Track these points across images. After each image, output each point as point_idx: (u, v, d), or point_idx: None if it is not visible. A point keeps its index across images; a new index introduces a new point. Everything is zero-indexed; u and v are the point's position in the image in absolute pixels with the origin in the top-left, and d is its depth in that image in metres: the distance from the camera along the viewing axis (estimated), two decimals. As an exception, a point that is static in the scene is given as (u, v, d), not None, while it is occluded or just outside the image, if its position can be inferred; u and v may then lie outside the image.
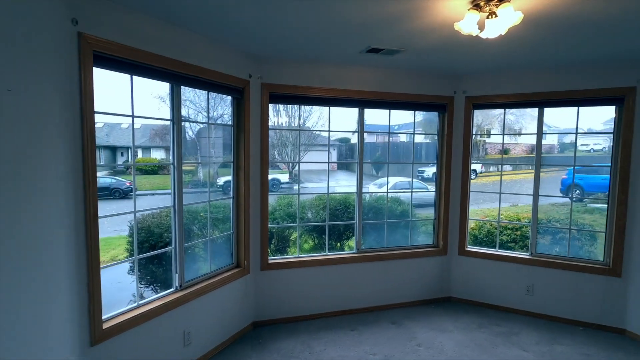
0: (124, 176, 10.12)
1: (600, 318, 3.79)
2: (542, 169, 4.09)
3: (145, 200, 9.21)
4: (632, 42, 2.98)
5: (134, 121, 2.53)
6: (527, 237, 5.22)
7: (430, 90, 4.17)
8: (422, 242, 4.49)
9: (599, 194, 10.27)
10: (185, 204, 2.98)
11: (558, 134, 9.16)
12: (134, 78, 2.51)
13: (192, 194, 3.77)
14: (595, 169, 11.70)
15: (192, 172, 4.44)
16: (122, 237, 5.85)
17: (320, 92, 3.77)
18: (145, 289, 3.80)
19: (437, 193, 4.45)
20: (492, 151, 15.57)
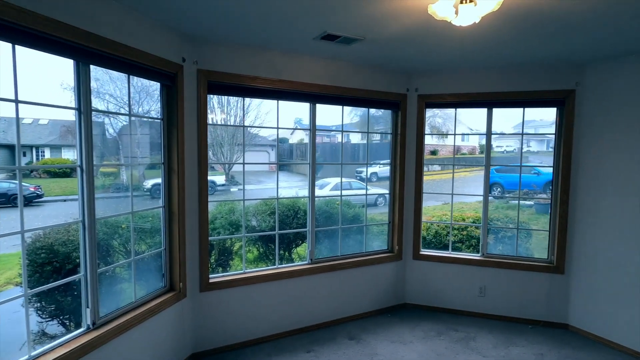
0: (29, 180, 8.53)
1: (546, 315, 3.87)
2: (466, 169, 4.10)
3: (55, 207, 7.84)
4: (574, 44, 3.02)
5: (40, 115, 1.85)
6: (473, 236, 5.30)
7: (384, 86, 3.94)
8: (377, 247, 4.25)
9: (516, 191, 11.22)
10: (100, 217, 2.32)
11: (513, 134, 9.69)
12: (27, 53, 1.83)
13: (114, 199, 3.07)
14: (513, 167, 12.83)
15: (114, 175, 3.68)
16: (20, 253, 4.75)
17: (267, 83, 3.31)
18: (48, 324, 2.99)
19: (391, 195, 4.25)
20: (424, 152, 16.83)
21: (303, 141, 8.82)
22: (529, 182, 11.62)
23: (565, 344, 3.51)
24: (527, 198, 8.73)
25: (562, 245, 3.80)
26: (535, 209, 9.62)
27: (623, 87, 3.35)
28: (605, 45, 3.06)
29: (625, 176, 3.35)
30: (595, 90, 3.55)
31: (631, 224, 3.31)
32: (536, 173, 12.55)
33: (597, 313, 3.57)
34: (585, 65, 3.61)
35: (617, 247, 3.41)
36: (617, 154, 3.41)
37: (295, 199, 4.64)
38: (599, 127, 3.53)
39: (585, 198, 3.65)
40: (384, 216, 4.36)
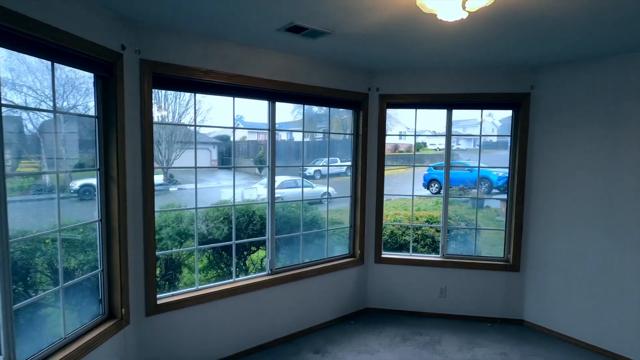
0: None
1: (503, 312, 3.98)
2: (406, 166, 4.11)
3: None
4: (532, 49, 3.08)
5: None
6: (428, 235, 5.35)
7: (346, 85, 3.76)
8: (338, 252, 4.08)
9: (454, 187, 11.84)
10: (15, 237, 1.85)
11: (469, 135, 10.01)
12: None
13: (34, 202, 2.54)
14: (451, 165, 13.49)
15: (36, 176, 3.07)
16: None
17: (222, 77, 2.96)
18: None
19: (352, 198, 4.09)
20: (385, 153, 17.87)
21: (245, 139, 8.41)
22: (463, 179, 12.32)
23: (523, 341, 3.61)
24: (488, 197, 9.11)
25: (517, 244, 3.91)
26: (471, 204, 10.17)
27: (573, 91, 3.50)
28: (559, 52, 3.15)
29: (576, 176, 3.51)
30: (548, 93, 3.68)
31: (582, 221, 3.47)
32: (469, 170, 13.35)
33: (550, 308, 3.73)
34: (539, 70, 3.72)
35: (570, 244, 3.56)
36: (568, 155, 3.56)
37: (249, 203, 4.31)
38: (552, 129, 3.67)
39: (539, 197, 3.79)
40: (334, 215, 4.20)
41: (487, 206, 9.87)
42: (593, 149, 3.39)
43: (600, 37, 2.77)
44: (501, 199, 4.29)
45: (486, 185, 12.86)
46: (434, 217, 5.87)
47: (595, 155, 3.37)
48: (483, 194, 12.42)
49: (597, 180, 3.37)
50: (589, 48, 3.05)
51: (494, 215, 8.38)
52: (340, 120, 4.76)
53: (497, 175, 12.93)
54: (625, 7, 2.20)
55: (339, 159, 4.71)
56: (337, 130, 4.60)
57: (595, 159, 3.38)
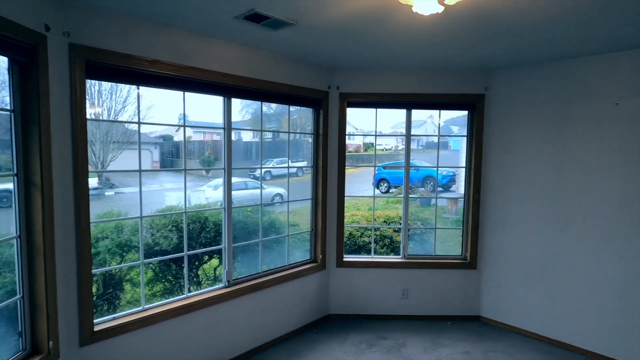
0: None
1: (462, 309, 4.05)
2: (354, 166, 4.09)
3: None
4: (487, 52, 3.14)
5: None
6: (386, 236, 5.34)
7: (306, 82, 3.57)
8: (299, 258, 3.88)
9: (401, 186, 12.25)
10: None
11: (432, 135, 10.17)
12: None
13: None
14: (397, 164, 14.03)
15: None
16: None
17: (172, 69, 2.62)
18: None
19: (313, 201, 3.91)
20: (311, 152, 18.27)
21: (191, 139, 7.89)
22: (411, 178, 12.78)
23: (483, 337, 3.68)
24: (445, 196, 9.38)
25: (474, 242, 4.00)
26: (419, 202, 10.56)
27: (523, 93, 3.63)
28: (511, 55, 3.25)
29: (528, 175, 3.64)
30: (501, 95, 3.79)
31: (535, 218, 3.62)
32: (415, 169, 13.89)
33: (505, 303, 3.85)
34: (492, 72, 3.83)
35: (522, 241, 3.70)
36: (520, 154, 3.69)
37: (203, 209, 3.95)
38: (504, 129, 3.78)
39: (494, 196, 3.89)
40: (290, 217, 4.00)
41: (434, 204, 10.28)
42: (542, 148, 3.54)
43: (547, 43, 2.91)
44: (459, 197, 4.37)
45: (431, 183, 13.43)
46: (390, 217, 5.89)
47: (545, 154, 3.53)
48: (429, 193, 12.95)
49: (546, 179, 3.53)
50: (536, 53, 3.18)
51: (440, 212, 8.71)
52: (291, 121, 4.56)
53: (441, 174, 13.56)
54: (573, 17, 2.26)
55: (291, 160, 4.52)
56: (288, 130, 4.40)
57: (545, 159, 3.53)
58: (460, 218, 7.67)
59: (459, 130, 6.98)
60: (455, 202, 8.50)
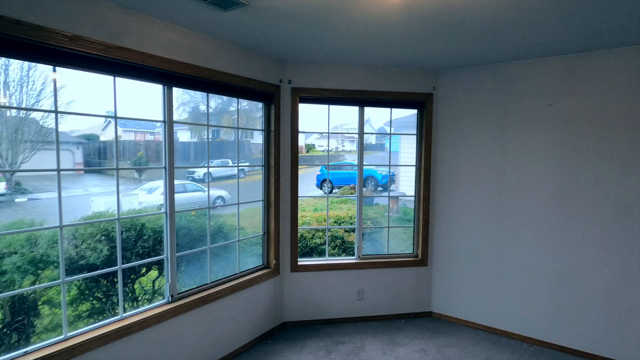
0: None
1: (414, 306, 4.08)
2: (309, 164, 4.02)
3: None
4: (435, 51, 3.17)
5: None
6: (338, 236, 5.24)
7: (256, 74, 3.31)
8: (251, 264, 3.59)
9: (345, 186, 12.46)
10: None
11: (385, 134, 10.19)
12: None
13: None
14: (340, 165, 14.29)
15: None
16: None
17: (98, 49, 2.21)
18: None
19: (265, 202, 3.65)
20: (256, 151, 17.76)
21: (120, 138, 7.10)
22: (353, 178, 13.05)
23: (436, 333, 3.72)
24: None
25: (425, 239, 4.04)
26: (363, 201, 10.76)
27: (469, 93, 3.75)
28: (459, 55, 3.31)
29: (474, 173, 3.76)
30: (448, 94, 3.88)
31: (481, 215, 3.74)
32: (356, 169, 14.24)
33: (454, 298, 3.95)
34: (440, 72, 3.90)
35: (471, 236, 3.81)
36: (467, 153, 3.80)
37: (136, 214, 3.47)
38: (452, 128, 3.87)
39: (443, 194, 3.97)
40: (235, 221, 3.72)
41: (377, 203, 10.50)
42: (487, 147, 3.68)
43: (492, 45, 3.01)
44: (408, 196, 4.41)
45: (372, 183, 13.80)
46: (340, 217, 5.82)
47: (490, 153, 3.67)
48: (371, 192, 13.26)
49: (490, 177, 3.67)
50: (481, 54, 3.29)
51: (383, 211, 8.91)
52: (233, 120, 4.26)
53: (381, 174, 14.00)
54: (515, 22, 2.33)
55: (230, 160, 4.22)
56: (227, 130, 4.10)
57: (489, 157, 3.67)
58: (402, 216, 7.89)
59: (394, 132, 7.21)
60: (396, 200, 8.72)
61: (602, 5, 2.20)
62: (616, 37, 2.77)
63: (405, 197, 5.72)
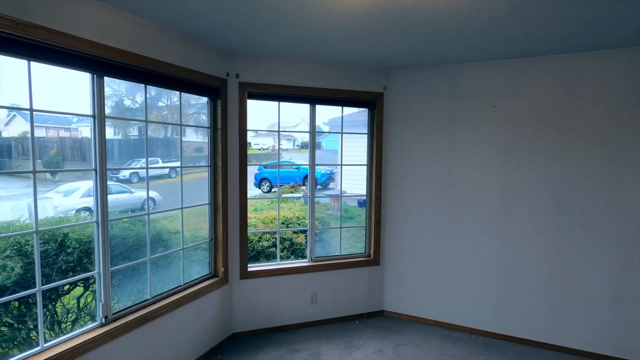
0: None
1: (367, 306, 4.07)
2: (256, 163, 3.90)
3: None
4: (385, 51, 3.18)
5: None
6: (286, 238, 5.07)
7: (201, 66, 3.02)
8: (197, 274, 3.29)
9: (286, 185, 12.36)
10: None
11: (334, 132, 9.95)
12: None
13: None
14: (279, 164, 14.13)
15: None
16: None
17: (5, 25, 1.80)
18: None
19: (212, 206, 3.37)
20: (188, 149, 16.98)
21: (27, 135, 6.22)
22: (293, 176, 12.99)
23: (390, 332, 3.74)
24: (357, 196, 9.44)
25: (378, 238, 4.05)
26: (304, 200, 10.72)
27: (418, 92, 3.82)
28: (409, 55, 3.36)
29: (425, 171, 3.85)
30: (399, 94, 3.92)
31: (432, 212, 3.84)
32: (297, 168, 14.15)
33: (406, 295, 4.01)
34: (391, 72, 3.93)
35: (423, 234, 3.89)
36: (417, 152, 3.87)
37: (57, 222, 2.98)
38: (403, 127, 3.92)
39: (394, 192, 4.01)
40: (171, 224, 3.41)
41: (317, 202, 10.51)
42: (437, 146, 3.78)
43: (440, 47, 3.10)
44: (360, 195, 4.40)
45: (313, 182, 13.78)
46: (287, 217, 5.64)
47: (439, 152, 3.78)
48: (307, 191, 13.26)
49: (440, 175, 3.78)
50: (431, 56, 3.37)
51: (324, 209, 8.91)
52: (162, 116, 3.90)
53: (321, 172, 14.05)
54: (464, 26, 2.40)
55: (160, 159, 3.87)
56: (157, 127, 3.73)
57: (438, 156, 3.78)
58: (344, 214, 7.92)
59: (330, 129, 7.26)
60: (337, 199, 8.80)
61: (540, 14, 2.33)
62: (550, 45, 2.98)
63: (351, 195, 5.71)
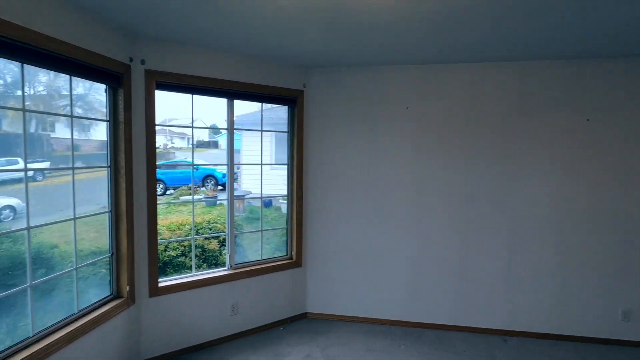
0: None
1: (291, 310, 3.94)
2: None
3: None
4: (308, 44, 3.09)
5: None
6: (197, 245, 4.64)
7: (97, 47, 2.50)
8: (95, 297, 2.72)
9: (183, 186, 11.53)
10: None
11: (256, 130, 9.10)
12: None
13: None
14: (174, 165, 13.20)
15: None
16: None
17: None
18: None
19: (113, 214, 2.83)
20: (59, 147, 14.51)
21: None
22: (189, 177, 12.16)
23: (315, 334, 3.67)
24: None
25: (300, 239, 3.95)
26: (205, 203, 10.12)
27: (339, 93, 3.84)
28: (328, 55, 3.36)
29: (346, 170, 3.89)
30: (319, 92, 3.88)
31: (353, 211, 3.89)
32: (195, 168, 13.32)
33: (330, 295, 4.00)
34: (311, 70, 3.86)
35: (344, 233, 3.92)
36: (338, 151, 3.89)
37: None
38: (324, 127, 3.90)
39: (315, 191, 3.96)
40: (45, 236, 2.83)
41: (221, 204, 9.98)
42: (358, 146, 3.85)
43: (360, 48, 3.16)
44: (281, 196, 4.24)
45: (212, 182, 13.08)
46: (197, 223, 5.18)
47: (359, 151, 3.85)
48: (214, 192, 12.55)
49: (360, 174, 3.87)
50: (350, 56, 3.42)
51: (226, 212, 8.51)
52: (26, 107, 3.19)
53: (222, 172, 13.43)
54: (381, 30, 2.53)
55: (20, 159, 3.19)
56: (13, 120, 3.06)
57: (359, 155, 3.86)
58: (248, 215, 7.64)
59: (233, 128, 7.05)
60: (242, 200, 8.51)
61: (456, 26, 2.54)
62: (459, 54, 3.28)
63: (273, 196, 5.51)
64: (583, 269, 3.50)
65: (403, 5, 2.21)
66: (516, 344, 3.51)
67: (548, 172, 3.52)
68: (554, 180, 3.52)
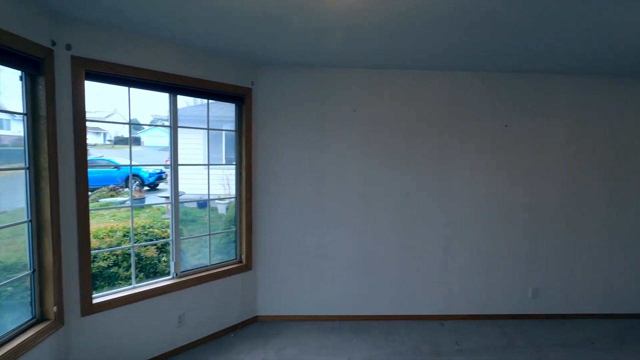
0: None
1: (242, 315, 3.78)
2: None
3: None
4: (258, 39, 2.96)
5: None
6: (131, 253, 4.24)
7: (11, 25, 2.10)
8: (12, 322, 2.30)
9: (102, 187, 10.54)
10: None
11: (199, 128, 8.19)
12: None
13: None
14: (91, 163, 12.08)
15: None
16: None
17: None
18: None
19: (34, 224, 2.42)
20: None
21: None
22: (113, 177, 11.13)
23: (268, 337, 3.56)
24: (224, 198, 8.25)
25: (249, 241, 3.80)
26: (138, 206, 9.34)
27: (289, 92, 3.75)
28: (277, 53, 3.28)
29: (295, 171, 3.82)
30: (267, 91, 3.75)
31: (303, 211, 3.84)
32: (116, 167, 12.23)
33: (280, 297, 3.91)
34: (260, 67, 3.71)
35: (294, 233, 3.85)
36: (287, 151, 3.80)
37: None
38: (273, 126, 3.78)
39: (264, 192, 3.83)
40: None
41: (149, 205, 9.25)
42: (307, 146, 3.80)
43: (310, 49, 3.14)
44: (231, 197, 4.02)
45: (137, 183, 12.09)
46: (128, 228, 4.70)
47: (308, 152, 3.81)
48: (141, 192, 11.60)
49: (310, 175, 3.83)
50: (301, 56, 3.38)
51: (159, 214, 7.93)
52: None
53: (148, 172, 12.48)
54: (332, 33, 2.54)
55: None
56: None
57: (308, 155, 3.81)
58: (183, 217, 7.19)
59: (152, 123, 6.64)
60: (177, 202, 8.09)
61: (401, 36, 2.63)
62: (400, 60, 3.40)
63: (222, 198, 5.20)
64: (503, 255, 3.98)
65: (358, 10, 2.20)
66: (452, 326, 3.82)
67: (476, 171, 3.89)
68: (480, 178, 3.90)
